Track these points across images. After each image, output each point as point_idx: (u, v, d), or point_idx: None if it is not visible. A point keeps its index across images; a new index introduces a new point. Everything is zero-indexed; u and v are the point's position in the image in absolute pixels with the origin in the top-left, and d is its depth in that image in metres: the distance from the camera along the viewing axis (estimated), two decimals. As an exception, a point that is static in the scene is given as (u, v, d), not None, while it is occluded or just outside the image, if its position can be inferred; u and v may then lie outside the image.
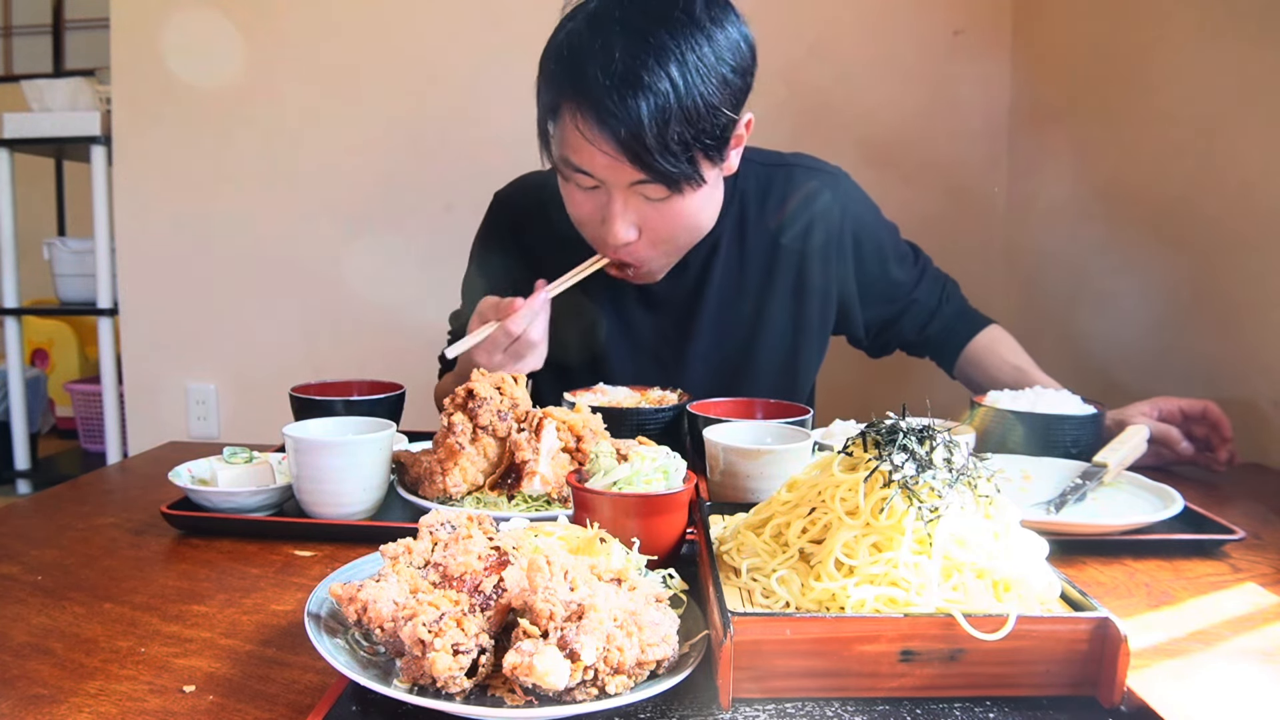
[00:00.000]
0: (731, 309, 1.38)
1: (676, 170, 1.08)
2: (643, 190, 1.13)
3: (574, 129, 1.08)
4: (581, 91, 1.06)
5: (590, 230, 1.22)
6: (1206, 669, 0.67)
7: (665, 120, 1.04)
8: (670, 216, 1.17)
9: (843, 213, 1.39)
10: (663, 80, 1.03)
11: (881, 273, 1.44)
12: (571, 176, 1.16)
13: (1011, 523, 0.66)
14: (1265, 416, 1.36)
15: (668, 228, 1.18)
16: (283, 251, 2.61)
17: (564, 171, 1.17)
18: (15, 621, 0.73)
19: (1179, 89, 1.61)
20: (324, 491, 0.94)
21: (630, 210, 1.15)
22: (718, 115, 1.08)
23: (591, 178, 1.13)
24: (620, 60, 1.03)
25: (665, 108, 1.03)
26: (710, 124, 1.07)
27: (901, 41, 2.31)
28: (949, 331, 1.49)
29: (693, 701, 0.58)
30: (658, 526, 0.74)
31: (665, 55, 1.03)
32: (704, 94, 1.05)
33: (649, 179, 1.10)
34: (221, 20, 2.51)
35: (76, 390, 3.55)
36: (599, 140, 1.06)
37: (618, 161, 1.07)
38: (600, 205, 1.17)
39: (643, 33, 1.04)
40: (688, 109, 1.04)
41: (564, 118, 1.10)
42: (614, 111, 1.03)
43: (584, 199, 1.18)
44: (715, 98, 1.06)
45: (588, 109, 1.06)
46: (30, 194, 3.23)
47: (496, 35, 2.44)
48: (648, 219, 1.17)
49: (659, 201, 1.14)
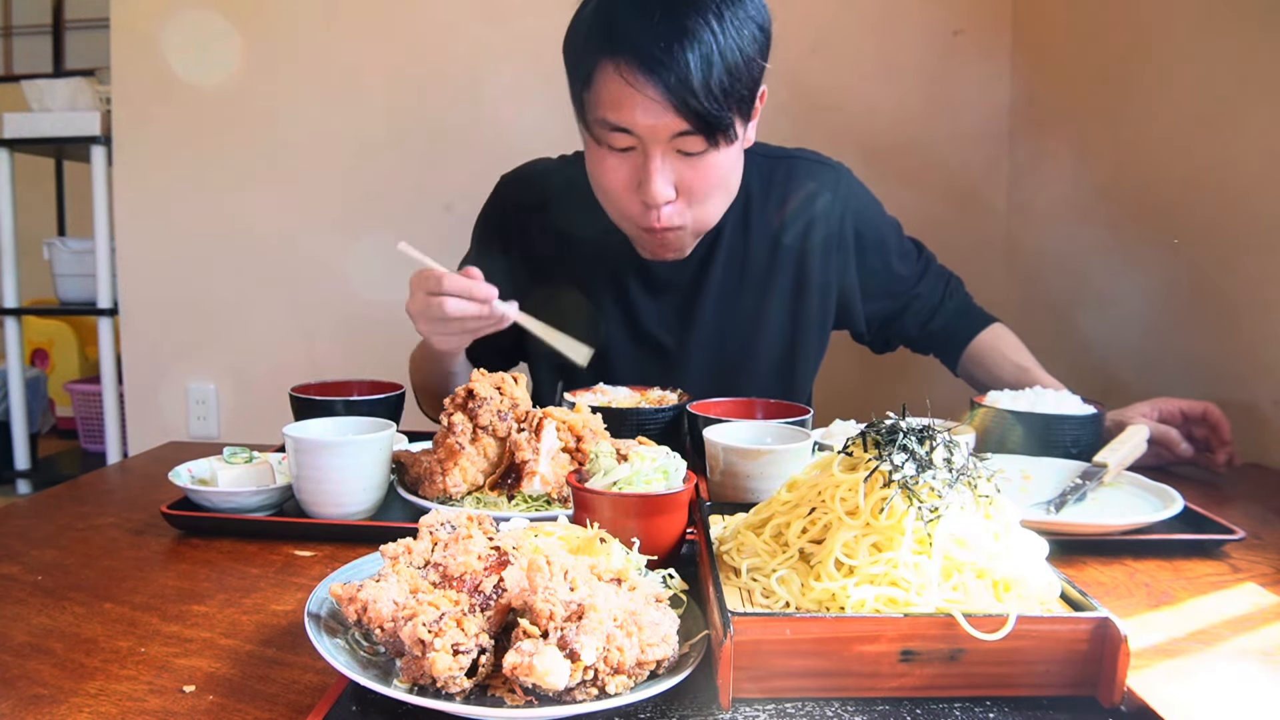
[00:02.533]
0: (733, 298, 1.39)
1: (718, 118, 1.11)
2: (680, 145, 1.15)
3: (618, 84, 1.10)
4: (627, 44, 1.09)
5: (624, 202, 1.21)
6: (1206, 669, 0.67)
7: (709, 67, 1.08)
8: (706, 172, 1.18)
9: (844, 206, 1.40)
10: (705, 30, 1.07)
11: (883, 267, 1.45)
12: (607, 139, 1.16)
13: (1011, 523, 0.66)
14: (1265, 416, 1.36)
15: (704, 184, 1.19)
16: (282, 252, 2.61)
17: (599, 134, 1.17)
18: (15, 621, 0.73)
19: (1179, 89, 1.61)
20: (324, 491, 0.94)
21: (668, 167, 1.17)
22: (753, 66, 1.13)
23: (630, 135, 1.14)
24: (662, 13, 1.08)
25: (709, 55, 1.08)
26: (746, 75, 1.12)
27: (901, 41, 2.31)
28: (952, 328, 1.50)
29: (693, 701, 0.58)
30: (658, 526, 0.74)
31: (704, 8, 1.08)
32: (740, 45, 1.10)
33: (690, 130, 1.12)
34: (221, 20, 2.51)
35: (76, 390, 3.55)
36: (647, 88, 1.09)
37: (662, 112, 1.10)
38: (635, 169, 1.18)
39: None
40: (727, 58, 1.09)
41: (605, 75, 1.12)
42: (661, 59, 1.07)
43: (618, 164, 1.19)
44: (750, 48, 1.12)
45: (634, 60, 1.08)
46: (30, 194, 3.23)
47: (497, 35, 2.44)
48: (684, 177, 1.18)
49: (695, 157, 1.16)
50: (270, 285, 2.63)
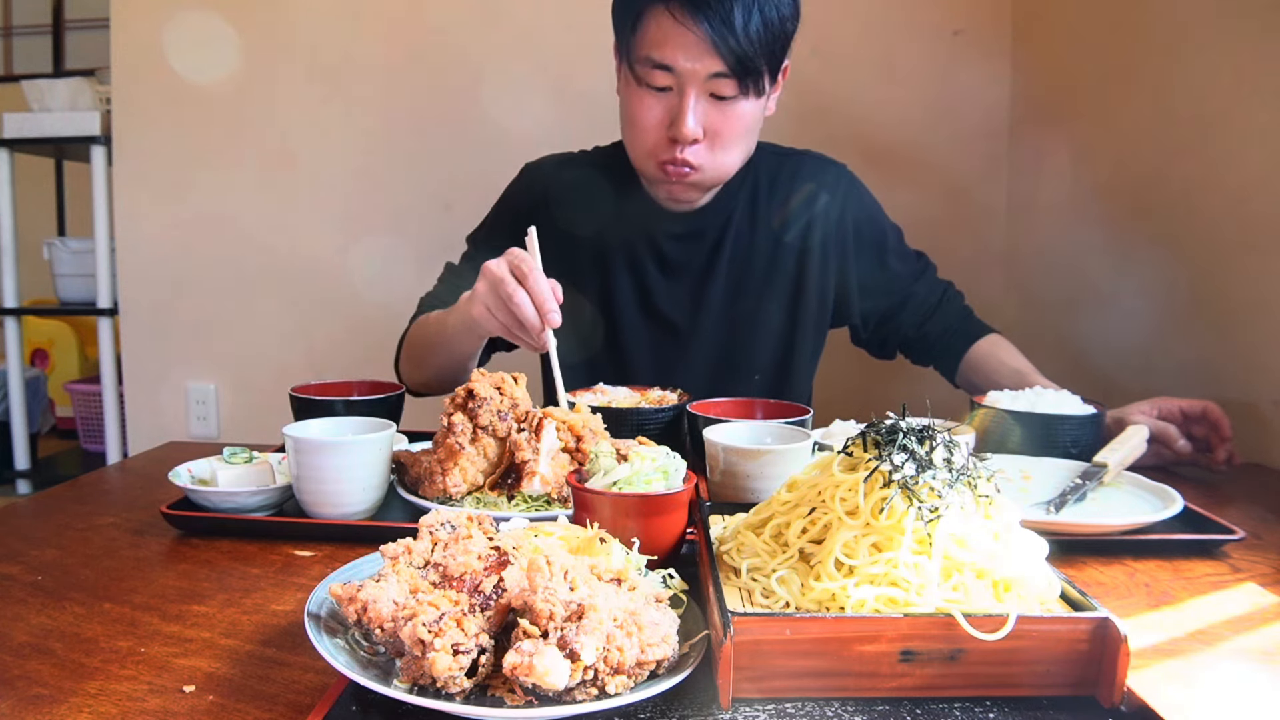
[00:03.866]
0: (740, 284, 1.46)
1: (752, 62, 1.21)
2: (714, 88, 1.24)
3: (668, 22, 1.21)
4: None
5: (653, 137, 1.29)
6: (1206, 669, 0.67)
7: (749, 15, 1.19)
8: (733, 118, 1.27)
9: (845, 203, 1.48)
10: None
11: (881, 263, 1.50)
12: (648, 77, 1.25)
13: (1011, 523, 0.66)
14: (1265, 417, 1.36)
15: (730, 130, 1.28)
16: (283, 251, 2.61)
17: (642, 73, 1.26)
18: (15, 621, 0.73)
19: (1179, 89, 1.61)
20: (324, 491, 0.94)
21: (700, 108, 1.25)
22: (786, 24, 1.24)
23: (670, 74, 1.23)
24: None
25: (750, 6, 1.19)
26: (780, 30, 1.23)
27: (901, 42, 2.31)
28: (949, 334, 1.51)
29: (693, 701, 0.58)
30: (658, 526, 0.74)
31: None
32: (778, 3, 1.21)
33: (726, 72, 1.21)
34: (221, 20, 2.51)
35: (76, 390, 3.55)
36: (694, 27, 1.19)
37: (703, 53, 1.20)
38: (669, 109, 1.27)
39: None
40: (765, 11, 1.20)
41: (655, 15, 1.22)
42: (709, 2, 1.18)
43: (654, 102, 1.27)
44: (786, 8, 1.23)
45: (684, 2, 1.19)
46: (30, 194, 3.23)
47: (497, 35, 2.44)
48: (713, 120, 1.27)
49: (726, 102, 1.25)
50: (270, 285, 2.62)
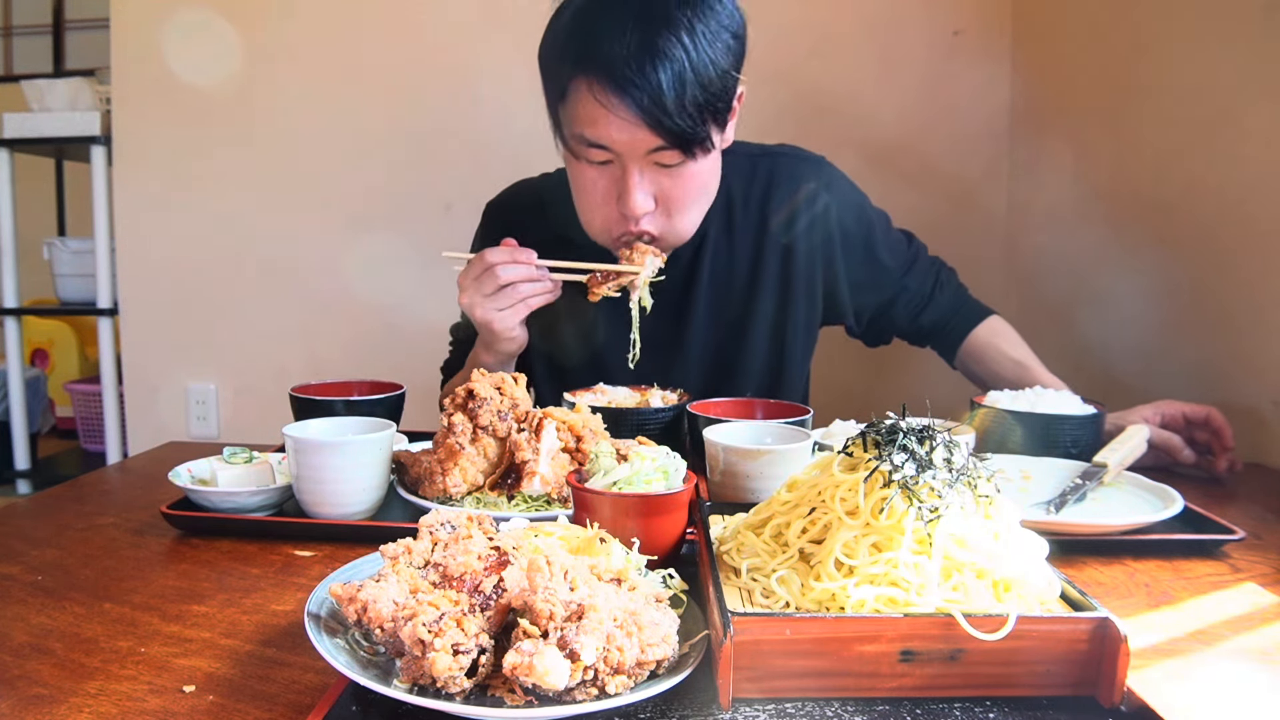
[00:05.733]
0: (725, 294, 1.40)
1: (693, 133, 1.12)
2: (657, 158, 1.17)
3: (592, 102, 1.11)
4: (599, 64, 1.10)
5: (603, 213, 1.24)
6: (1206, 669, 0.67)
7: (683, 85, 1.09)
8: (684, 182, 1.20)
9: (828, 199, 1.41)
10: (676, 48, 1.08)
11: (869, 259, 1.45)
12: (584, 154, 1.18)
13: (1011, 523, 0.66)
14: (1265, 417, 1.36)
15: (683, 194, 1.22)
16: (283, 251, 2.61)
17: (577, 150, 1.19)
18: (15, 621, 0.73)
19: (1179, 89, 1.61)
20: (324, 491, 0.94)
21: (646, 180, 1.19)
22: (726, 79, 1.13)
23: (607, 151, 1.16)
24: (634, 31, 1.08)
25: (682, 73, 1.08)
26: (720, 87, 1.13)
27: (901, 42, 2.31)
28: (946, 320, 1.49)
29: (693, 701, 0.58)
30: (658, 526, 0.74)
31: (676, 24, 1.08)
32: (713, 58, 1.10)
33: (666, 145, 1.14)
34: (221, 20, 2.51)
35: (76, 390, 3.55)
36: (620, 109, 1.10)
37: (636, 130, 1.12)
38: (614, 181, 1.20)
39: (650, 4, 1.09)
40: (701, 74, 1.10)
41: (580, 93, 1.13)
42: (634, 80, 1.08)
43: (597, 176, 1.21)
44: (724, 61, 1.12)
45: (607, 80, 1.09)
46: (30, 194, 3.23)
47: (497, 35, 2.44)
48: (663, 187, 1.20)
49: (673, 168, 1.18)
50: (270, 285, 2.62)
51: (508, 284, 1.19)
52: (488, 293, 1.20)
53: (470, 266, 1.22)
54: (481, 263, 1.20)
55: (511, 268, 1.19)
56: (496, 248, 1.21)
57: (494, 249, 1.21)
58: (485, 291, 1.20)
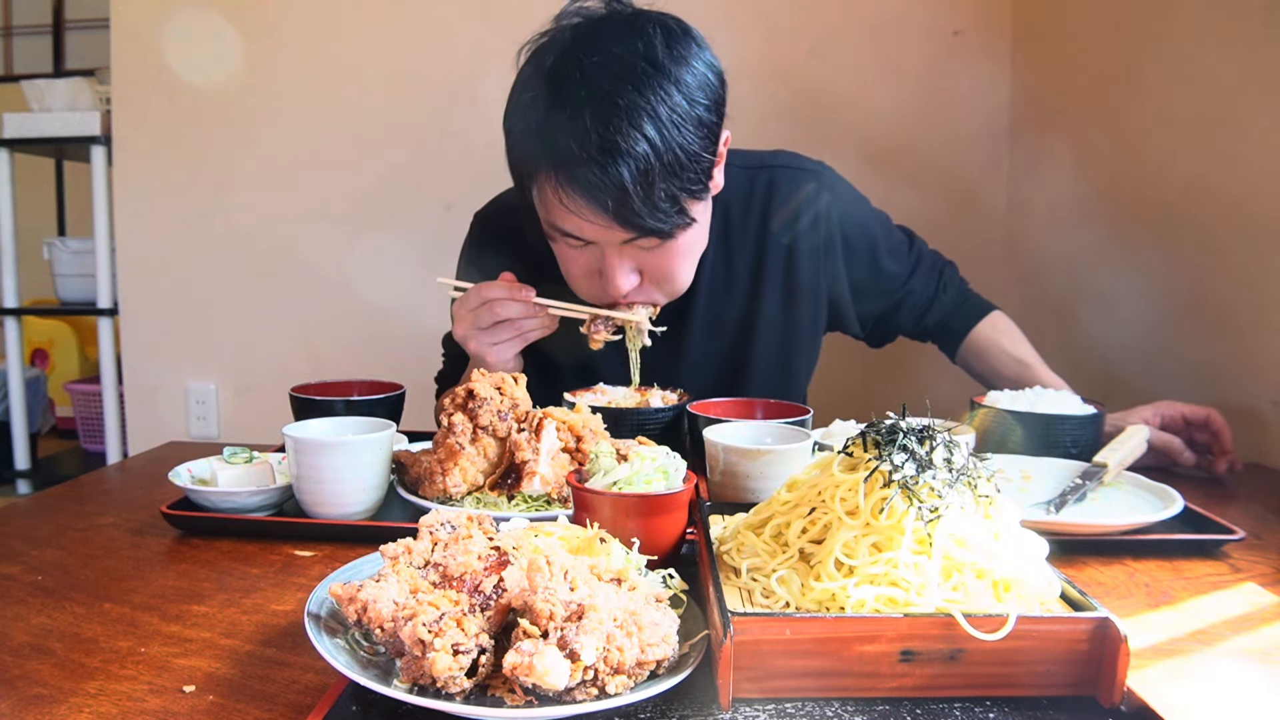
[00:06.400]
0: (721, 316, 1.37)
1: (665, 223, 1.06)
2: (635, 243, 1.12)
3: (558, 200, 1.06)
4: (559, 165, 1.03)
5: (589, 286, 1.20)
6: (1206, 669, 0.67)
7: (650, 181, 1.01)
8: (668, 258, 1.15)
9: (828, 210, 1.36)
10: (640, 143, 0.99)
11: (873, 266, 1.42)
12: (560, 240, 1.15)
13: (1011, 523, 0.66)
14: (1265, 417, 1.36)
15: (667, 267, 1.17)
16: (283, 251, 2.61)
17: (552, 234, 1.15)
18: (15, 621, 0.73)
19: (1179, 89, 1.61)
20: (324, 491, 0.94)
21: (627, 260, 1.14)
22: (699, 160, 1.05)
23: (581, 240, 1.12)
24: (593, 129, 0.99)
25: (647, 169, 1.00)
26: (693, 171, 1.05)
27: (901, 42, 2.31)
28: (949, 319, 1.49)
29: (693, 701, 0.58)
30: (658, 526, 0.74)
31: (638, 114, 0.99)
32: (682, 145, 1.02)
33: (638, 235, 1.09)
34: (221, 20, 2.51)
35: (76, 390, 3.55)
36: (585, 211, 1.05)
37: (606, 227, 1.06)
38: (595, 259, 1.16)
39: (610, 95, 1.00)
40: (669, 164, 1.02)
41: (544, 187, 1.08)
42: (596, 183, 1.00)
43: (577, 255, 1.16)
44: (694, 145, 1.03)
45: (568, 182, 1.03)
46: (30, 194, 3.23)
47: (496, 34, 2.43)
48: (646, 264, 1.16)
49: (653, 249, 1.13)
50: (270, 285, 2.63)
51: (504, 320, 1.18)
52: (483, 327, 1.18)
53: (467, 298, 1.20)
54: (479, 297, 1.18)
55: (509, 305, 1.17)
56: (495, 283, 1.17)
57: (492, 285, 1.17)
58: (481, 325, 1.18)
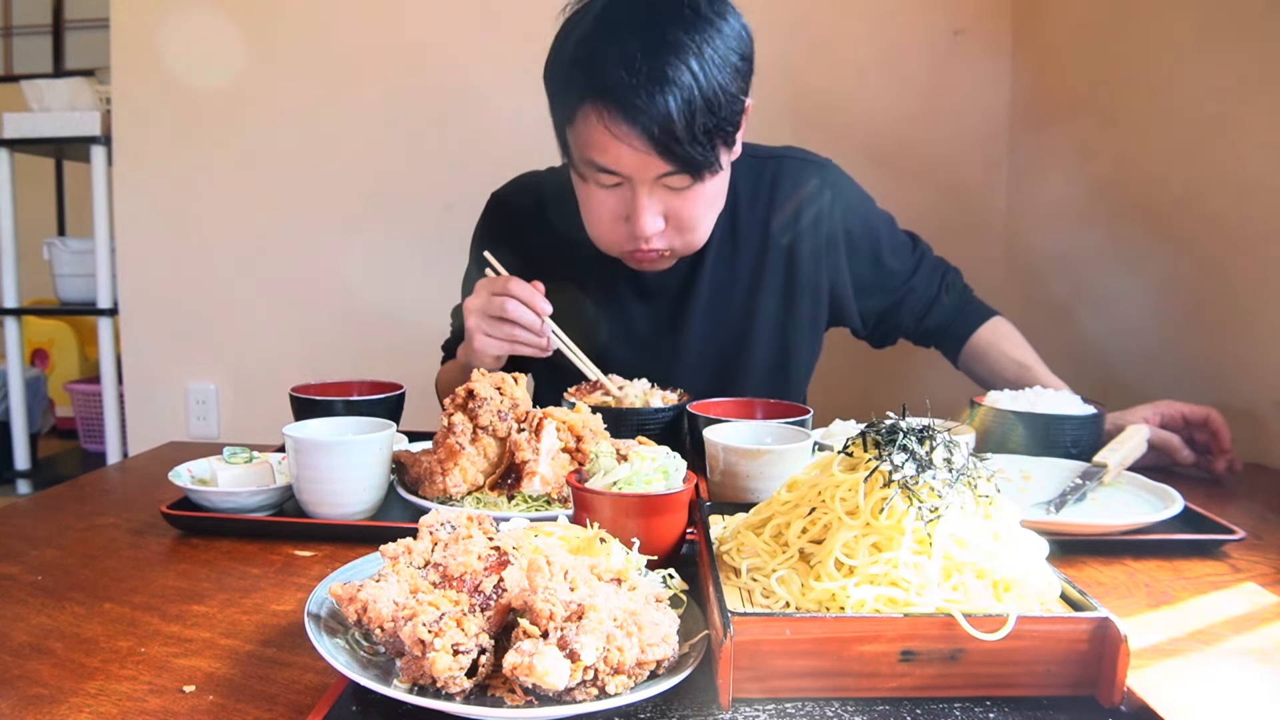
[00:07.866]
0: (725, 301, 1.40)
1: (702, 158, 1.13)
2: (666, 182, 1.17)
3: (601, 130, 1.12)
4: (608, 92, 1.09)
5: (612, 232, 1.25)
6: (1206, 669, 0.67)
7: (692, 112, 1.09)
8: (693, 202, 1.21)
9: (833, 203, 1.41)
10: (685, 74, 1.07)
11: (875, 262, 1.45)
12: (593, 177, 1.19)
13: (1011, 523, 0.66)
14: (1265, 417, 1.36)
15: (692, 213, 1.22)
16: (282, 251, 2.61)
17: (585, 172, 1.20)
18: (15, 621, 0.73)
19: (1179, 89, 1.61)
20: (324, 491, 0.94)
21: (656, 201, 1.19)
22: (734, 102, 1.13)
23: (616, 175, 1.17)
24: (642, 59, 1.07)
25: (691, 100, 1.08)
26: (729, 110, 1.12)
27: (901, 41, 2.31)
28: (951, 321, 1.49)
29: (693, 701, 0.58)
30: (658, 526, 0.74)
31: (684, 50, 1.08)
32: (721, 83, 1.10)
33: (675, 170, 1.14)
34: (221, 20, 2.51)
35: (76, 390, 3.55)
36: (630, 137, 1.10)
37: (646, 156, 1.12)
38: (623, 202, 1.21)
39: (658, 30, 1.08)
40: (709, 99, 1.09)
41: (588, 120, 1.13)
42: (643, 108, 1.07)
43: (606, 197, 1.21)
44: (731, 85, 1.12)
45: (616, 108, 1.09)
46: (30, 194, 3.23)
47: (496, 34, 2.44)
48: (672, 208, 1.21)
49: (682, 190, 1.19)
50: (270, 285, 2.63)
51: (509, 321, 1.19)
52: (490, 315, 1.20)
53: (493, 281, 1.23)
54: (502, 285, 1.20)
55: (521, 310, 1.19)
56: (523, 283, 1.20)
57: (520, 283, 1.20)
58: (488, 312, 1.21)
